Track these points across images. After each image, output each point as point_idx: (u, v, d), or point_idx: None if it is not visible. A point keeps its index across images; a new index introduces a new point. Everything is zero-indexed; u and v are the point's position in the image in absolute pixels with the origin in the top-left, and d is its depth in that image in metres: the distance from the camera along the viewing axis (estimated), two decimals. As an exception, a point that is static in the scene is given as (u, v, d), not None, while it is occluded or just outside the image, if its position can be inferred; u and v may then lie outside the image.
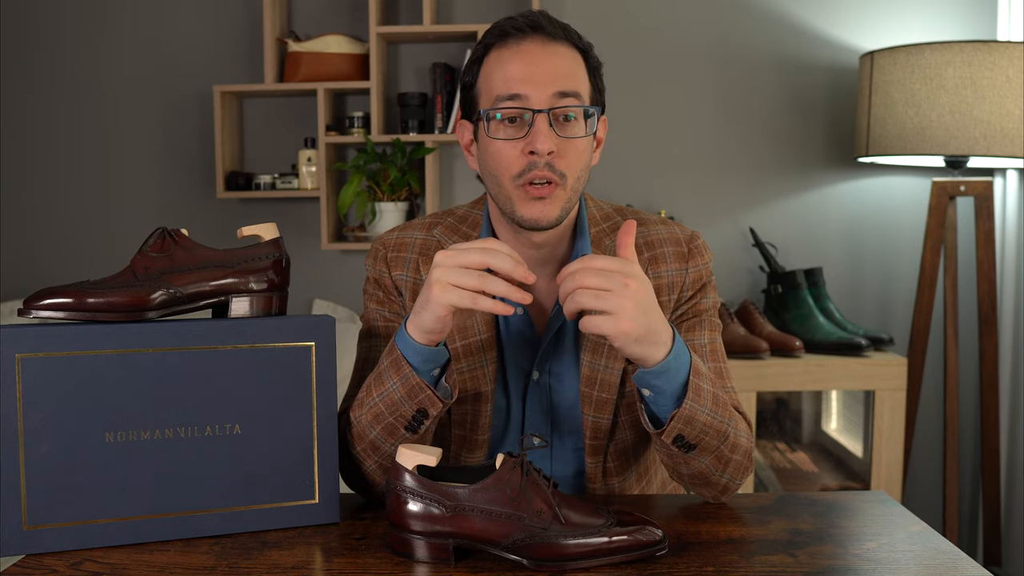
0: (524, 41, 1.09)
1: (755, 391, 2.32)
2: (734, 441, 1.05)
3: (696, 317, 1.18)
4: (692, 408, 0.98)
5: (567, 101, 1.07)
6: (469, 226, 1.21)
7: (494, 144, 1.09)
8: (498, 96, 1.08)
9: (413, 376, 0.99)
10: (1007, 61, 2.15)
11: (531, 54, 1.08)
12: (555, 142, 1.06)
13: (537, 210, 1.07)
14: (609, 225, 1.20)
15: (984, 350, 2.39)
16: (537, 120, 1.06)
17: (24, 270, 2.83)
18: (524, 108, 1.06)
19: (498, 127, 1.08)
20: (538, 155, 1.05)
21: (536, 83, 1.06)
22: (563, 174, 1.07)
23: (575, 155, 1.08)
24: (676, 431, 0.99)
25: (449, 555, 0.90)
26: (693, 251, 1.19)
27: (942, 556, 0.93)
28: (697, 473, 1.06)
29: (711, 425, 1.01)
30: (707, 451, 1.03)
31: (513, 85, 1.07)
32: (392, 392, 1.00)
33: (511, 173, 1.07)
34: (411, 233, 1.22)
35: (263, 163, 2.78)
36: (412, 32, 2.56)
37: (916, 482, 2.65)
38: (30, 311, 0.93)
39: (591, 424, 1.15)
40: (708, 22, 2.65)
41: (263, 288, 1.02)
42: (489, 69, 1.10)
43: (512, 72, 1.07)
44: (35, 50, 2.79)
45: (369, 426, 1.03)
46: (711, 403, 1.00)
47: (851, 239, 2.66)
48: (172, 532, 0.97)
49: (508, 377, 1.19)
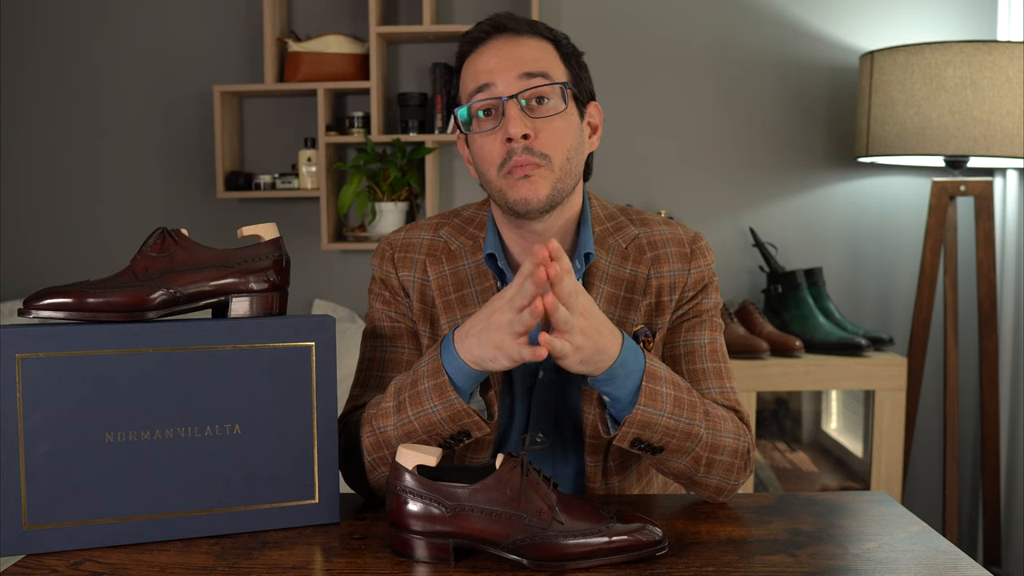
0: (490, 41, 1.12)
1: (755, 391, 2.32)
2: (711, 442, 1.05)
3: (697, 317, 1.19)
4: (646, 412, 1.00)
5: (534, 81, 1.08)
6: (476, 227, 1.21)
7: (476, 141, 1.11)
8: (469, 92, 1.11)
9: (459, 402, 0.99)
10: (1007, 61, 2.15)
11: (497, 49, 1.11)
12: (528, 125, 1.07)
13: (525, 190, 1.08)
14: (613, 225, 1.20)
15: (984, 350, 2.39)
16: (507, 107, 1.08)
17: (24, 270, 2.83)
18: (492, 97, 1.08)
19: (477, 123, 1.11)
20: (514, 141, 1.07)
21: (500, 70, 1.09)
22: (544, 155, 1.08)
23: (554, 134, 1.09)
24: (632, 435, 1.01)
25: (449, 555, 0.90)
26: (696, 252, 1.19)
27: (942, 556, 0.93)
28: (679, 473, 1.08)
29: (675, 427, 1.02)
30: (679, 452, 1.04)
31: (481, 76, 1.10)
32: (431, 413, 1.00)
33: (495, 164, 1.09)
34: (418, 234, 1.22)
35: (263, 163, 2.78)
36: (412, 32, 2.56)
37: (916, 482, 2.65)
38: (30, 311, 0.93)
39: (591, 423, 1.16)
40: (708, 22, 2.65)
41: (263, 288, 1.02)
42: (463, 75, 1.15)
43: (479, 66, 1.11)
44: (35, 50, 2.79)
45: (397, 439, 1.03)
46: (671, 406, 1.01)
47: (851, 239, 2.67)
48: (172, 532, 0.97)
49: (514, 376, 1.19)
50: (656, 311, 1.17)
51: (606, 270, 1.16)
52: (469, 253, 1.18)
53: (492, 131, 1.09)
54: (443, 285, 1.17)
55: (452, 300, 1.16)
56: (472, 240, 1.19)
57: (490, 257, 1.16)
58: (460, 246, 1.19)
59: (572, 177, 1.12)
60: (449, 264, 1.18)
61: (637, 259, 1.17)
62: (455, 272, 1.18)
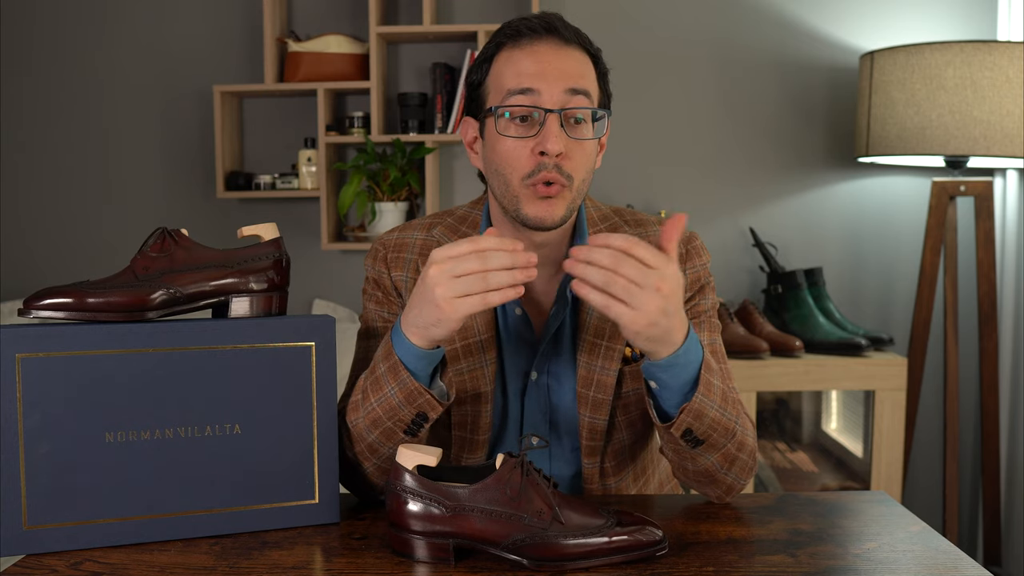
0: (537, 42, 1.09)
1: (755, 391, 2.32)
2: (741, 439, 1.05)
3: (695, 318, 1.18)
4: (702, 403, 0.98)
5: (578, 100, 1.07)
6: (469, 226, 1.21)
7: (503, 142, 1.09)
8: (509, 90, 1.08)
9: (411, 381, 0.98)
10: (1007, 61, 2.15)
11: (544, 54, 1.08)
12: (565, 143, 1.06)
13: (543, 210, 1.08)
14: (607, 226, 1.20)
15: (984, 350, 2.39)
16: (548, 120, 1.06)
17: (24, 270, 2.83)
18: (535, 107, 1.06)
19: (508, 125, 1.08)
20: (548, 156, 1.06)
21: (548, 79, 1.07)
22: (570, 176, 1.07)
23: (582, 157, 1.09)
24: (685, 425, 0.99)
25: (449, 555, 0.90)
26: (691, 252, 1.19)
27: (942, 556, 0.93)
28: (703, 470, 1.06)
29: (719, 421, 1.00)
30: (714, 448, 1.03)
31: (525, 79, 1.07)
32: (390, 397, 1.00)
33: (521, 173, 1.08)
34: (411, 234, 1.22)
35: (263, 163, 2.78)
36: (412, 32, 2.56)
37: (916, 482, 2.65)
38: (30, 311, 0.93)
39: (587, 424, 1.15)
40: (708, 22, 2.65)
41: (263, 288, 1.02)
42: (500, 66, 1.11)
43: (524, 67, 1.08)
44: (35, 50, 2.79)
45: (367, 430, 1.03)
46: (720, 399, 1.00)
47: (851, 239, 2.67)
48: (172, 532, 0.97)
49: (507, 377, 1.19)
50: None
51: None
52: None
53: (525, 139, 1.07)
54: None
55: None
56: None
57: None
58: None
59: (583, 196, 1.13)
60: None
61: None
62: None
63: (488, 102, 1.12)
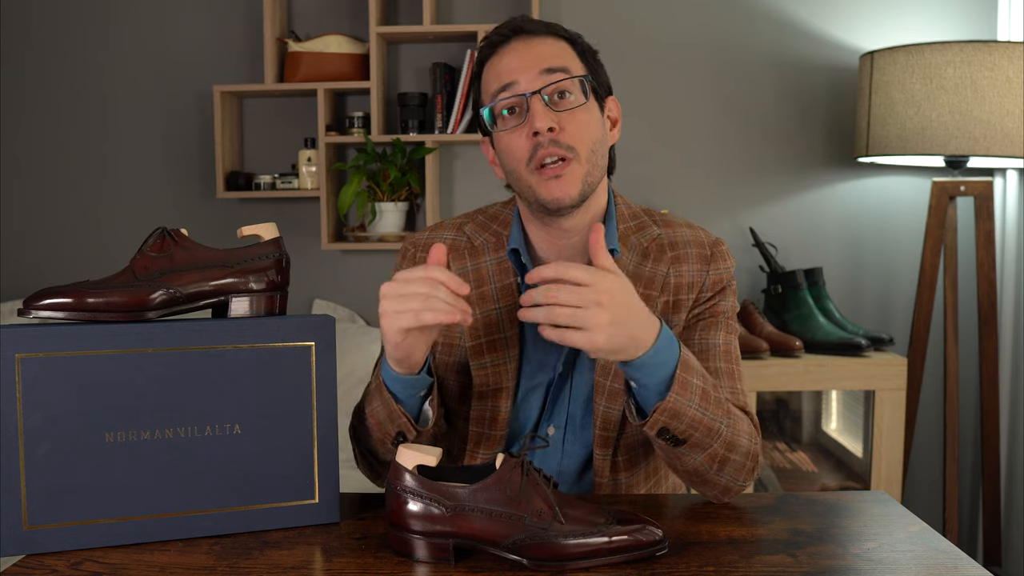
0: (509, 44, 1.15)
1: (755, 391, 2.32)
2: (730, 440, 1.05)
3: (713, 318, 1.20)
4: (677, 401, 0.99)
5: (555, 76, 1.11)
6: (500, 224, 1.23)
7: (502, 139, 1.13)
8: (492, 92, 1.13)
9: (392, 403, 1.04)
10: (1007, 61, 2.15)
11: (516, 50, 1.14)
12: (553, 118, 1.09)
13: (556, 189, 1.10)
14: (636, 224, 1.22)
15: (984, 350, 2.39)
16: (531, 102, 1.10)
17: (24, 270, 2.83)
18: (515, 94, 1.11)
19: (503, 122, 1.13)
20: (540, 134, 1.09)
21: (522, 68, 1.11)
22: (571, 147, 1.10)
23: (579, 127, 1.11)
24: (660, 423, 1.00)
25: (449, 555, 0.90)
26: (716, 255, 1.21)
27: (942, 556, 0.93)
28: (692, 470, 1.07)
29: (701, 421, 1.01)
30: (698, 447, 1.03)
31: (504, 76, 1.12)
32: (378, 411, 1.06)
33: (523, 159, 1.11)
34: (442, 233, 1.25)
35: (263, 163, 2.78)
36: (412, 32, 2.56)
37: (916, 482, 2.65)
38: (30, 311, 0.93)
39: (602, 414, 1.16)
40: (708, 22, 2.65)
41: (263, 288, 1.02)
42: (485, 77, 1.17)
43: (501, 67, 1.13)
44: (35, 50, 2.79)
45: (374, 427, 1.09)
46: (699, 398, 1.01)
47: (851, 239, 2.66)
48: (172, 532, 0.97)
49: (530, 372, 1.19)
50: (672, 308, 1.18)
51: (627, 268, 1.18)
52: (492, 249, 1.20)
53: (517, 128, 1.11)
54: (464, 280, 1.17)
55: (472, 296, 1.18)
56: (496, 237, 1.21)
57: (513, 252, 1.18)
58: (483, 242, 1.21)
59: (599, 169, 1.14)
60: (471, 260, 1.21)
61: (657, 258, 1.19)
62: (476, 268, 1.20)
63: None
